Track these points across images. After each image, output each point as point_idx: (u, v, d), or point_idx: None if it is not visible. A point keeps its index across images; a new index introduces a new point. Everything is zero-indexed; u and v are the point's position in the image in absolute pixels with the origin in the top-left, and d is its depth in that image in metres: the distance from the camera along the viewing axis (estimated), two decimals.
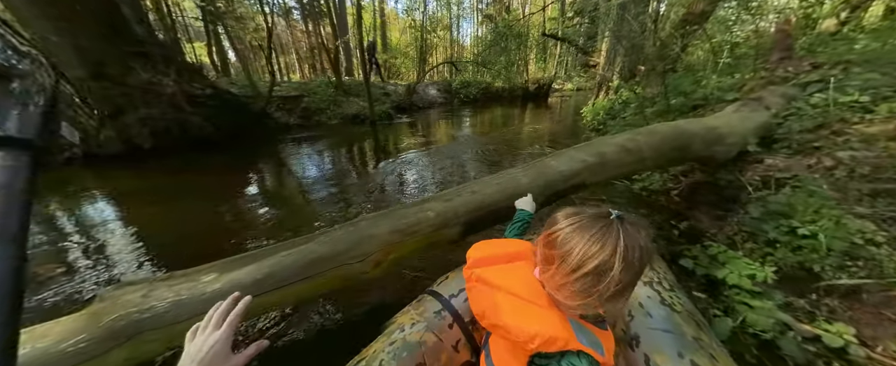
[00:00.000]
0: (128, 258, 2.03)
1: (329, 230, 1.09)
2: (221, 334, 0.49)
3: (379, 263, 1.06)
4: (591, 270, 0.42)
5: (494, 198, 1.28)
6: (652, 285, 0.90)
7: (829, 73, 2.04)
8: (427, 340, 0.76)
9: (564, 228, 0.46)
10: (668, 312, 0.82)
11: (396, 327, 0.82)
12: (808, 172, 1.56)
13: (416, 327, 0.79)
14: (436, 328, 0.79)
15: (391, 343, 0.76)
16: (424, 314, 0.83)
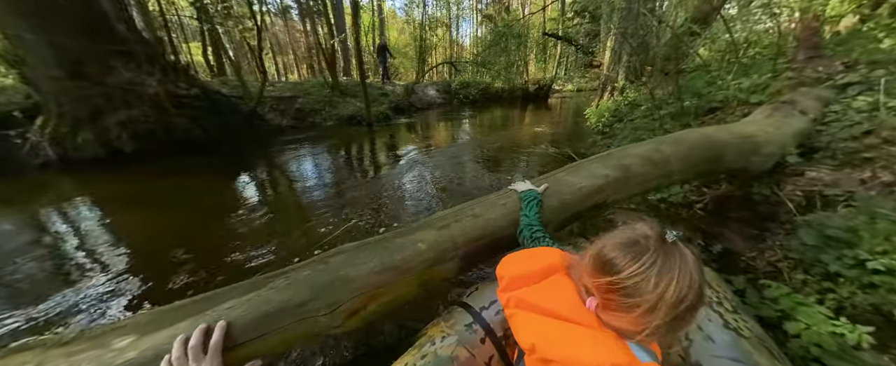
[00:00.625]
0: (99, 273, 1.81)
1: (293, 269, 0.86)
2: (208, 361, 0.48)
3: (354, 312, 0.84)
4: (680, 313, 0.40)
5: (499, 224, 1.05)
6: (711, 305, 0.79)
7: (873, 74, 1.83)
8: (459, 355, 0.73)
9: (636, 276, 0.41)
10: (734, 337, 0.72)
11: (427, 340, 0.79)
12: (863, 189, 1.34)
13: (448, 340, 0.77)
14: (467, 343, 0.76)
15: (422, 356, 0.74)
16: (455, 327, 0.80)
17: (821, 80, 2.15)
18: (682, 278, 0.39)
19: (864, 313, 0.99)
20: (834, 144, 1.59)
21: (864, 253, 1.05)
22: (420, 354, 0.75)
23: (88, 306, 1.58)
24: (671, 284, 0.39)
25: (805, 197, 1.46)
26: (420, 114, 9.78)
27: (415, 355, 0.76)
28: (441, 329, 0.81)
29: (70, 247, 2.14)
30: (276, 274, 0.85)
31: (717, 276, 0.92)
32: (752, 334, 0.74)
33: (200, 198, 3.13)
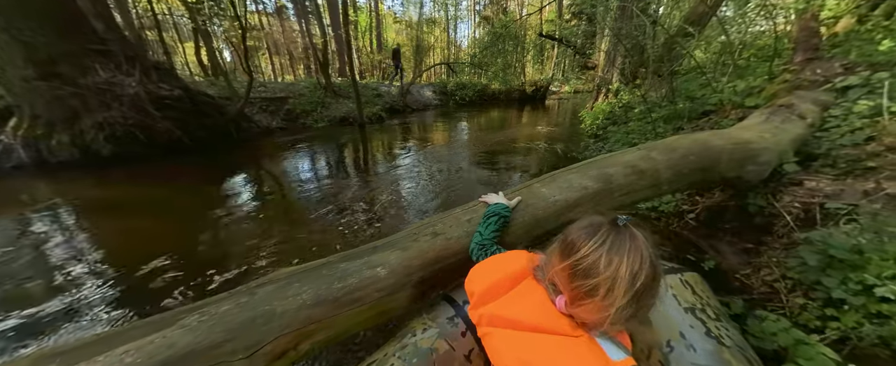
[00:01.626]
0: (60, 284, 1.67)
1: (213, 301, 0.74)
2: None
3: (282, 354, 0.71)
4: (638, 290, 0.42)
5: (464, 242, 0.93)
6: (694, 311, 0.78)
7: (876, 77, 1.73)
8: (439, 347, 0.74)
9: (591, 255, 0.45)
10: (716, 346, 0.72)
11: (408, 332, 0.79)
12: (867, 201, 1.23)
13: (428, 333, 0.77)
14: (448, 336, 0.76)
15: (402, 347, 0.75)
16: (437, 320, 0.80)
17: (819, 83, 2.05)
18: (633, 255, 0.42)
19: (871, 348, 0.88)
20: (834, 152, 1.49)
21: (871, 278, 0.93)
22: (400, 345, 0.75)
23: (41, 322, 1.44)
24: (623, 260, 0.42)
25: (804, 209, 1.35)
26: (415, 115, 9.66)
27: (395, 346, 0.76)
28: (423, 322, 0.80)
29: (33, 254, 2.01)
30: (190, 308, 0.72)
31: (700, 280, 0.89)
32: (733, 343, 0.73)
33: (178, 203, 3.00)
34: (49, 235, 2.30)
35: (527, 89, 13.91)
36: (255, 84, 6.04)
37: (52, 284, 1.73)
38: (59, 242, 2.18)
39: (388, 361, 0.72)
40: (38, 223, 2.49)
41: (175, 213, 2.77)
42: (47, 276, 1.80)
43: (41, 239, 2.23)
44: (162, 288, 1.67)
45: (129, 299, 1.61)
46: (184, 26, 15.83)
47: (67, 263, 1.93)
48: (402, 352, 0.73)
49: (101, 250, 2.09)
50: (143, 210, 2.82)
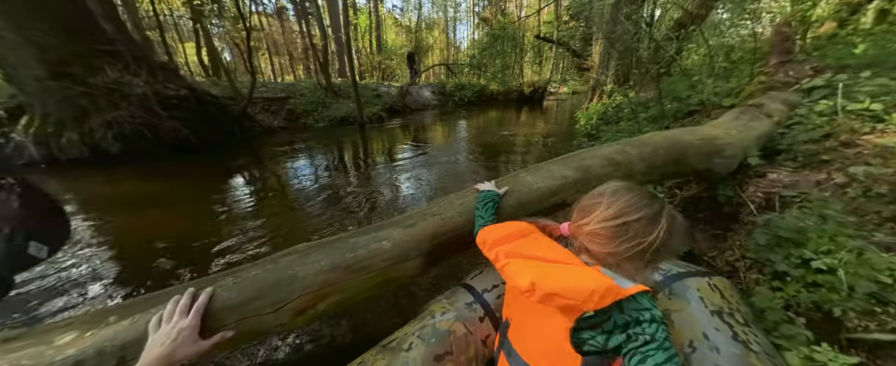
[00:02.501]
0: (73, 272, 1.80)
1: (243, 269, 0.87)
2: (189, 322, 0.60)
3: (302, 311, 0.85)
4: (624, 224, 0.53)
5: (456, 221, 1.07)
6: (721, 315, 0.77)
7: (835, 79, 1.88)
8: (456, 330, 0.77)
9: (592, 197, 0.61)
10: (743, 350, 0.70)
11: (428, 314, 0.84)
12: (818, 190, 1.37)
13: (447, 315, 0.81)
14: (466, 320, 0.80)
15: (422, 327, 0.79)
16: (455, 305, 0.84)
17: (790, 84, 2.20)
18: (657, 205, 0.55)
19: (808, 311, 1.02)
20: (795, 147, 1.63)
21: (809, 253, 1.08)
22: (420, 325, 0.81)
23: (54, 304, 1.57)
24: (645, 200, 0.55)
25: (765, 198, 1.50)
26: (415, 115, 9.80)
27: (415, 326, 0.81)
28: (442, 305, 0.86)
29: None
30: (225, 274, 0.86)
31: (729, 285, 0.87)
32: (761, 349, 0.71)
33: (185, 198, 3.12)
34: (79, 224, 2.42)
35: (525, 90, 14.07)
36: (256, 84, 6.16)
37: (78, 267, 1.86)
38: (77, 232, 2.31)
39: (408, 339, 0.77)
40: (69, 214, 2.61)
41: (182, 207, 2.90)
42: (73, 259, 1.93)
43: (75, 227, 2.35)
44: (168, 272, 1.80)
45: (141, 282, 1.74)
46: (183, 27, 15.95)
47: (88, 248, 2.06)
48: (421, 332, 0.78)
49: (112, 240, 2.22)
50: (152, 204, 2.94)
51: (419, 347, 0.74)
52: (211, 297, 0.74)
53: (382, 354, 0.76)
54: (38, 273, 1.82)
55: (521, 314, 0.65)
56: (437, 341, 0.75)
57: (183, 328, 0.59)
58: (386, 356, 0.75)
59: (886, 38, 2.87)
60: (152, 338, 0.58)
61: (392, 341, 0.79)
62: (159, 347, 0.55)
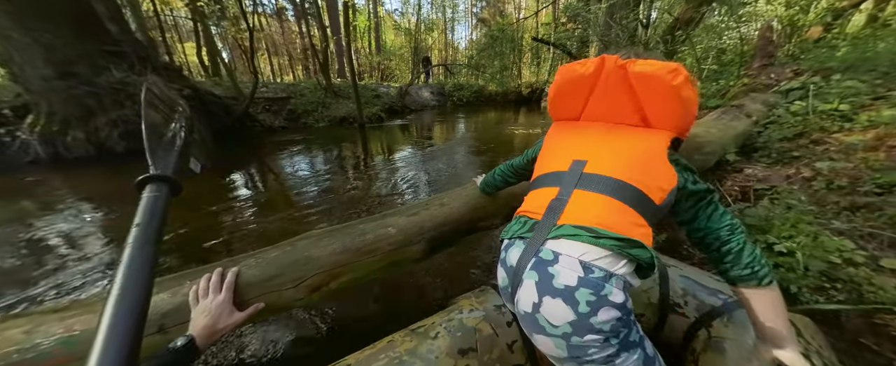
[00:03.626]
0: (77, 270, 1.89)
1: (264, 251, 0.98)
2: (223, 297, 0.69)
3: (317, 288, 0.95)
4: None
5: (461, 211, 1.19)
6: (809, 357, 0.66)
7: (810, 81, 2.01)
8: (483, 328, 0.79)
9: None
10: None
11: (456, 308, 0.86)
12: (787, 184, 1.49)
13: (475, 313, 0.83)
14: (493, 321, 0.81)
15: (449, 320, 0.82)
16: (484, 304, 0.86)
17: (771, 85, 2.32)
18: None
19: None
20: (770, 144, 1.75)
21: (773, 238, 1.20)
22: (448, 317, 0.83)
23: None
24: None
25: (741, 191, 1.62)
26: (414, 116, 9.90)
27: (443, 317, 0.83)
28: (470, 302, 0.87)
29: (54, 240, 2.22)
30: (247, 255, 0.96)
31: (811, 324, 0.76)
32: None
33: (189, 196, 3.21)
34: (73, 219, 2.51)
35: (523, 91, 14.20)
36: (258, 84, 6.25)
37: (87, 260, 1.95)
38: (83, 227, 2.40)
39: (436, 328, 0.80)
40: (65, 210, 2.70)
41: (187, 204, 2.98)
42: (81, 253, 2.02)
43: (68, 223, 2.44)
44: (171, 263, 1.90)
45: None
46: (183, 27, 15.98)
47: (96, 242, 2.15)
48: (448, 324, 0.80)
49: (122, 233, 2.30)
50: None
51: (445, 337, 0.76)
52: (238, 275, 0.84)
53: (410, 337, 0.80)
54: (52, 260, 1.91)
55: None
56: (462, 336, 0.76)
57: (220, 303, 0.67)
58: (414, 339, 0.78)
59: (866, 43, 3.01)
60: (195, 311, 0.67)
61: (420, 327, 0.82)
62: (204, 318, 0.64)
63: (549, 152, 0.71)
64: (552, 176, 0.63)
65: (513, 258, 0.58)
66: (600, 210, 0.54)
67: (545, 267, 0.51)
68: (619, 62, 0.57)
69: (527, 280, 0.53)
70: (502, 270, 0.62)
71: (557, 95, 0.70)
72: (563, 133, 0.71)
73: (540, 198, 0.62)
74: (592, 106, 0.66)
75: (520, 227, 0.61)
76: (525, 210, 0.65)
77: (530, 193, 0.68)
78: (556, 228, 0.54)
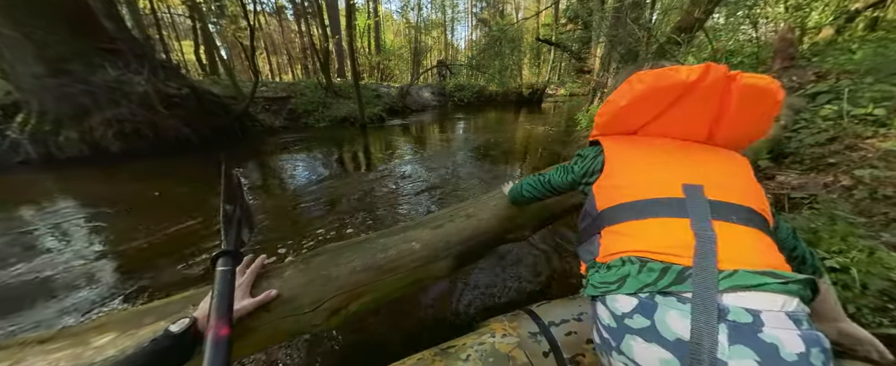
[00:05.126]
0: (72, 276, 1.77)
1: (276, 268, 0.88)
2: (245, 278, 0.70)
3: (336, 311, 0.86)
4: None
5: (491, 223, 1.09)
6: None
7: (838, 84, 1.93)
8: (517, 356, 0.73)
9: None
10: None
11: (488, 331, 0.81)
12: (825, 192, 1.41)
13: (508, 339, 0.78)
14: (528, 350, 0.75)
15: (481, 343, 0.77)
16: (518, 330, 0.81)
17: (794, 88, 2.25)
18: None
19: None
20: (802, 150, 1.68)
21: (822, 252, 1.11)
22: (479, 340, 0.78)
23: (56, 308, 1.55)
24: None
25: (775, 200, 1.54)
26: (414, 116, 9.81)
27: (474, 339, 0.79)
28: (504, 327, 0.82)
29: (44, 245, 2.10)
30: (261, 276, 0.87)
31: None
32: None
33: (185, 199, 3.09)
34: (64, 223, 2.39)
35: (523, 92, 14.17)
36: (257, 83, 6.13)
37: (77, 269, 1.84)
38: (74, 232, 2.28)
39: (467, 350, 0.75)
40: (56, 213, 2.58)
41: (183, 208, 2.87)
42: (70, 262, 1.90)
43: (59, 227, 2.32)
44: (166, 274, 1.79)
45: (139, 282, 1.73)
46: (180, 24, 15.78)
47: (87, 249, 2.03)
48: (480, 347, 0.76)
49: (116, 239, 2.19)
50: (151, 205, 2.91)
51: (476, 361, 0.72)
52: (264, 261, 0.80)
53: (440, 356, 0.76)
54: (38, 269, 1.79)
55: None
56: (494, 362, 0.71)
57: (239, 283, 0.67)
58: (444, 360, 0.74)
59: (883, 45, 2.96)
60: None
61: (451, 347, 0.78)
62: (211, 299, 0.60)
63: (635, 173, 0.56)
64: (663, 204, 0.49)
65: (678, 328, 0.38)
66: (757, 246, 0.44)
67: (754, 335, 0.36)
68: (729, 73, 0.49)
69: (736, 361, 0.35)
70: (654, 347, 0.39)
71: (634, 103, 0.55)
72: (633, 150, 0.60)
73: (659, 233, 0.47)
74: (668, 119, 0.57)
75: (650, 275, 0.43)
76: (641, 250, 0.46)
77: (629, 224, 0.51)
78: (727, 275, 0.40)
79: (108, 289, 1.68)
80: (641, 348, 0.40)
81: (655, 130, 0.60)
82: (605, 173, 0.60)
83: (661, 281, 0.42)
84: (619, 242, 0.51)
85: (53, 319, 1.48)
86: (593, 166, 0.65)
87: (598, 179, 0.61)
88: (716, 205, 0.47)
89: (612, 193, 0.57)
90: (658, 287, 0.41)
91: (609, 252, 0.51)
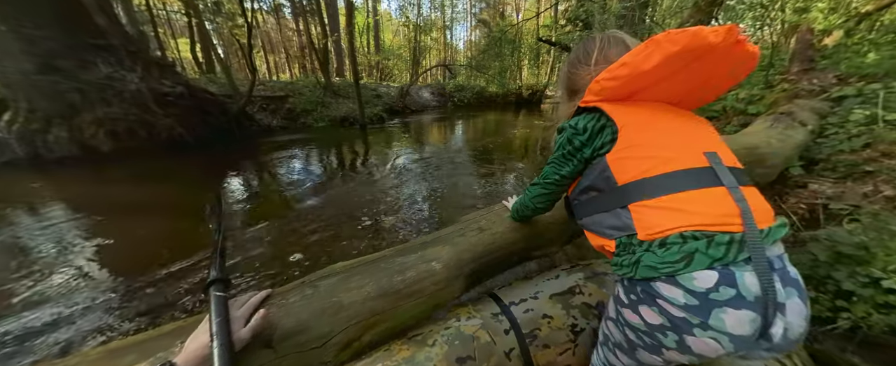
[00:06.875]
0: (58, 286, 1.64)
1: (279, 293, 0.76)
2: (242, 310, 0.65)
3: (348, 344, 0.75)
4: None
5: (507, 238, 0.98)
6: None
7: (870, 88, 1.86)
8: (480, 336, 0.77)
9: None
10: None
11: (453, 316, 0.84)
12: (866, 203, 1.32)
13: (472, 321, 0.81)
14: (491, 329, 0.80)
15: (446, 328, 0.79)
16: (481, 312, 0.84)
17: (815, 92, 2.17)
18: None
19: (882, 335, 0.96)
20: (834, 157, 1.59)
21: (877, 271, 1.02)
22: (445, 325, 0.80)
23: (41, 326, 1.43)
24: None
25: (808, 210, 1.44)
26: (414, 116, 9.70)
27: (440, 325, 0.81)
28: (468, 310, 0.85)
29: (28, 254, 1.97)
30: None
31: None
32: None
33: (179, 202, 2.96)
34: (52, 229, 2.25)
35: (523, 93, 14.12)
36: (255, 82, 5.98)
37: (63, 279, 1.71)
38: (62, 237, 2.15)
39: (433, 336, 0.78)
40: (43, 217, 2.44)
41: (177, 211, 2.74)
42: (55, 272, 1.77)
43: (46, 233, 2.19)
44: (160, 284, 1.67)
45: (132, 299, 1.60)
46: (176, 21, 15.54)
47: (74, 258, 1.90)
48: (446, 332, 0.78)
49: (106, 245, 2.06)
50: (145, 208, 2.78)
51: (442, 345, 0.75)
52: (265, 298, 0.72)
53: (407, 344, 0.77)
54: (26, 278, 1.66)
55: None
56: (460, 344, 0.75)
57: (235, 316, 0.61)
58: (411, 348, 0.76)
59: (894, 47, 2.89)
60: (201, 326, 0.58)
61: (418, 335, 0.79)
62: (203, 334, 0.55)
63: (657, 142, 0.54)
64: (693, 174, 0.50)
65: (755, 287, 0.43)
66: (765, 203, 0.51)
67: (788, 275, 0.46)
68: (741, 36, 0.49)
69: (789, 299, 0.44)
70: (743, 311, 0.42)
71: (661, 65, 0.50)
72: (642, 117, 0.57)
73: (707, 204, 0.48)
74: (669, 82, 0.56)
75: (719, 250, 0.45)
76: (699, 224, 0.47)
77: (672, 198, 0.49)
78: (766, 234, 0.46)
79: (82, 311, 1.55)
80: (731, 316, 0.42)
81: (648, 95, 0.58)
82: (621, 143, 0.55)
83: (730, 252, 0.44)
84: (671, 218, 0.48)
85: (11, 346, 1.35)
86: (602, 138, 0.58)
87: (612, 150, 0.56)
88: (733, 171, 0.51)
89: (639, 163, 0.53)
90: (729, 259, 0.44)
91: (660, 228, 0.48)
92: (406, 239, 2.18)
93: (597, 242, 0.61)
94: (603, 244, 0.59)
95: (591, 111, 0.60)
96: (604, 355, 0.64)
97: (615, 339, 0.58)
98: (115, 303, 1.56)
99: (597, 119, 0.58)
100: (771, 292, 0.42)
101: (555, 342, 0.81)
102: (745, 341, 0.43)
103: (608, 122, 0.57)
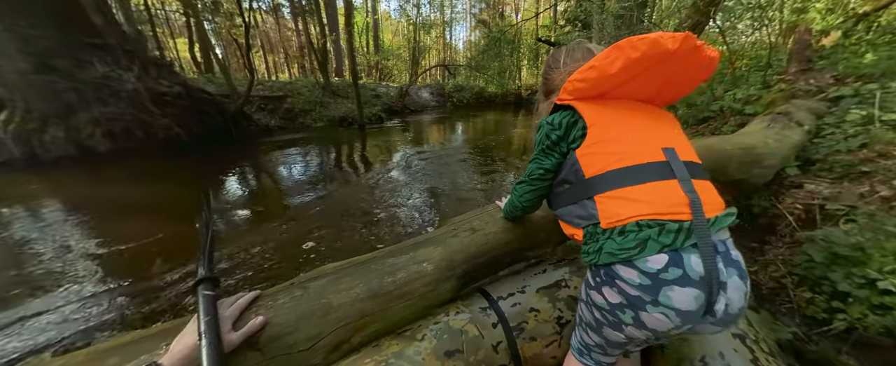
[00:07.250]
0: (51, 288, 1.63)
1: (268, 295, 0.76)
2: (230, 311, 0.64)
3: (338, 346, 0.74)
4: None
5: (500, 239, 0.97)
6: (744, 339, 0.79)
7: (867, 88, 1.85)
8: (469, 330, 0.79)
9: None
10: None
11: (441, 311, 0.85)
12: (862, 203, 1.32)
13: (461, 316, 0.82)
14: (479, 323, 0.81)
15: (435, 323, 0.81)
16: (470, 307, 0.85)
17: (812, 92, 2.17)
18: None
19: (877, 337, 0.95)
20: (831, 157, 1.59)
21: (873, 272, 1.01)
22: (434, 320, 0.81)
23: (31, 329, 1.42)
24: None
25: (805, 210, 1.44)
26: (413, 116, 9.69)
27: (429, 320, 0.82)
28: (456, 306, 0.86)
29: (23, 254, 1.95)
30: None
31: (761, 319, 0.90)
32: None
33: (177, 203, 2.95)
34: (48, 230, 2.24)
35: (522, 93, 14.12)
36: (253, 82, 5.97)
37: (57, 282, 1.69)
38: (58, 239, 2.13)
39: (422, 330, 0.79)
40: (38, 218, 2.42)
41: (175, 212, 2.73)
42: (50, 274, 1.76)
43: (42, 234, 2.17)
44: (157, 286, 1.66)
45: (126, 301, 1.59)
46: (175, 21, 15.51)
47: (69, 260, 1.89)
48: (435, 326, 0.79)
49: (101, 247, 2.05)
50: (142, 209, 2.77)
51: (431, 339, 0.76)
52: (253, 299, 0.71)
53: (396, 339, 0.78)
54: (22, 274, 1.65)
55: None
56: (448, 338, 0.76)
57: (224, 316, 0.60)
58: (400, 342, 0.77)
59: (892, 48, 2.89)
60: (187, 327, 0.57)
61: (407, 330, 0.80)
62: (189, 335, 0.55)
63: (621, 138, 0.59)
64: (655, 168, 0.55)
65: (700, 268, 0.48)
66: (716, 196, 0.56)
67: (730, 258, 0.50)
68: (697, 42, 0.54)
69: (730, 278, 0.49)
70: (688, 289, 0.47)
71: (625, 69, 0.55)
72: (609, 114, 0.62)
73: (661, 195, 0.53)
74: (635, 83, 0.60)
75: (669, 236, 0.50)
76: (652, 213, 0.52)
77: (631, 189, 0.55)
78: (713, 222, 0.51)
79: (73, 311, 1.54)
80: (678, 293, 0.48)
81: (618, 93, 0.63)
82: (590, 140, 0.60)
83: (678, 239, 0.49)
84: (628, 208, 0.53)
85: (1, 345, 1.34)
86: (574, 133, 0.64)
87: (581, 146, 0.61)
88: (688, 165, 0.56)
89: (604, 158, 0.58)
90: (678, 245, 0.49)
91: (618, 218, 0.53)
92: (402, 239, 2.17)
93: (569, 232, 0.67)
94: (573, 233, 0.65)
95: (566, 109, 0.65)
96: (579, 335, 0.69)
97: (586, 319, 0.63)
98: (107, 304, 1.55)
99: (570, 116, 0.64)
100: (715, 273, 0.47)
101: (541, 335, 0.83)
102: (691, 316, 0.48)
103: (580, 119, 0.62)
